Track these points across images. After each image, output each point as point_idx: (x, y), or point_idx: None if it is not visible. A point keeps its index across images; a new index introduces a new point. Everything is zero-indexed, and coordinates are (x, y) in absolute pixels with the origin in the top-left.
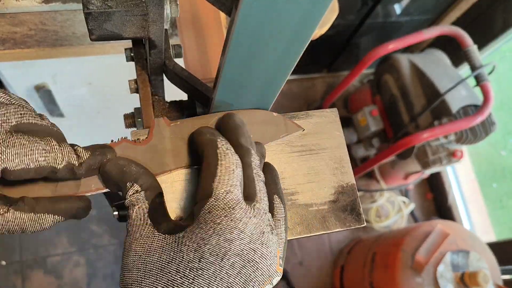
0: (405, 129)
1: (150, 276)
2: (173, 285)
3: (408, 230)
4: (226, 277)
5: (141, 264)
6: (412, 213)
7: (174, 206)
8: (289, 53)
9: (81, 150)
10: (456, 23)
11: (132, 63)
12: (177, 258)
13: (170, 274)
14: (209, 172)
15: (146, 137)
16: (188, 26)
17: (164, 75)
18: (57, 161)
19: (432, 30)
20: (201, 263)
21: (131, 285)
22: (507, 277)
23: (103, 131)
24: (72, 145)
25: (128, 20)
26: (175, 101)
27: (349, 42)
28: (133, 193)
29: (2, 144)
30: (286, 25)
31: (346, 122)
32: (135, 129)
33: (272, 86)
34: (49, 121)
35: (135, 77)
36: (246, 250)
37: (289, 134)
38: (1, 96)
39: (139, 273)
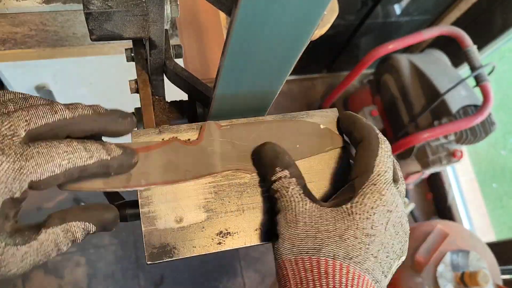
0: (405, 129)
1: (330, 243)
2: (353, 249)
3: None
4: (389, 245)
5: (317, 233)
6: (412, 213)
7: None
8: (288, 53)
9: (112, 146)
10: (456, 23)
11: (132, 63)
12: (353, 226)
13: (349, 240)
14: (371, 152)
15: (197, 138)
16: (188, 26)
17: (164, 75)
18: (83, 159)
19: (432, 30)
20: (373, 230)
21: (308, 253)
22: (507, 277)
23: None
24: (100, 141)
25: (128, 20)
26: (175, 101)
27: (349, 42)
28: (284, 177)
29: (20, 158)
30: (285, 25)
31: None
32: (135, 129)
33: (272, 86)
34: (65, 108)
35: (135, 77)
36: (398, 222)
37: (335, 148)
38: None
39: (315, 241)
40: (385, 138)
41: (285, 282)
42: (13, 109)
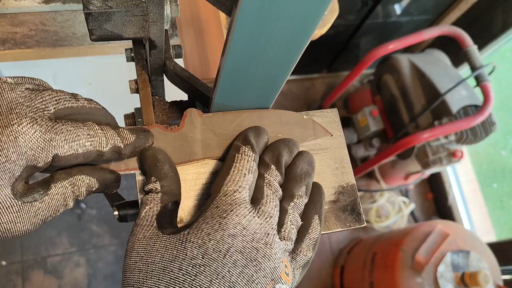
0: (405, 129)
1: (152, 277)
2: (175, 284)
3: (408, 230)
4: (228, 276)
5: (143, 265)
6: (412, 213)
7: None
8: (289, 53)
9: (126, 132)
10: (456, 23)
11: (132, 64)
12: (180, 256)
13: (172, 273)
14: (223, 172)
15: (178, 125)
16: (188, 26)
17: (164, 75)
18: (102, 145)
19: (432, 30)
20: (204, 259)
21: (133, 286)
22: (507, 277)
23: None
24: (115, 128)
25: (128, 21)
26: (176, 101)
27: (349, 42)
28: (151, 189)
29: (51, 131)
30: (286, 25)
31: (346, 122)
32: None
33: (272, 86)
34: (84, 99)
35: (135, 78)
36: (248, 248)
37: (317, 138)
38: (31, 82)
39: (140, 274)
40: (247, 157)
41: None
42: (43, 89)
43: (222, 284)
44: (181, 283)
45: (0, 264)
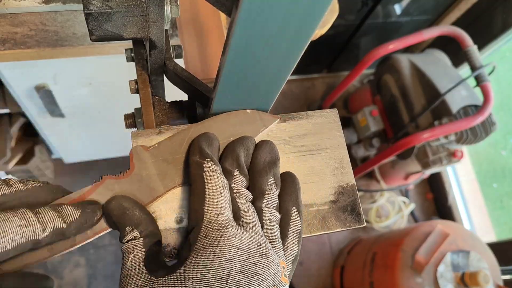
0: (405, 129)
1: None
2: None
3: (408, 230)
4: None
5: None
6: (412, 213)
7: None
8: (289, 53)
9: (69, 209)
10: (456, 23)
11: (133, 64)
12: None
13: None
14: (198, 196)
15: (128, 169)
16: (188, 26)
17: (164, 75)
18: (37, 233)
19: (432, 30)
20: None
21: None
22: (507, 277)
23: (104, 132)
24: (55, 207)
25: (128, 21)
26: (176, 101)
27: (349, 42)
28: (131, 239)
29: None
30: (286, 26)
31: (346, 122)
32: (135, 129)
33: (272, 86)
34: (19, 182)
35: (136, 78)
36: (247, 265)
37: (267, 127)
38: None
39: None
40: (215, 173)
41: None
42: None
43: None
44: None
45: None
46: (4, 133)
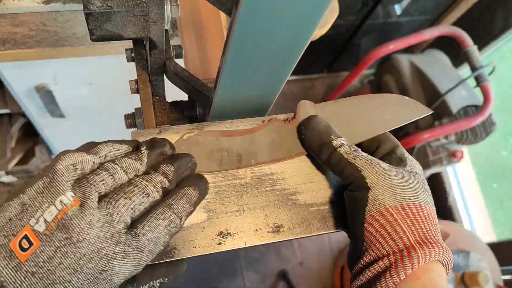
0: (405, 129)
1: (421, 193)
2: (427, 196)
3: None
4: None
5: (409, 183)
6: None
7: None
8: (289, 53)
9: (195, 196)
10: (456, 23)
11: (133, 64)
12: (419, 181)
13: (427, 192)
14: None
15: (293, 118)
16: (188, 26)
17: (164, 75)
18: (177, 225)
19: (432, 30)
20: (426, 184)
21: (410, 199)
22: (507, 277)
23: (104, 132)
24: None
25: (128, 21)
26: (176, 101)
27: (349, 43)
28: (344, 144)
29: (137, 251)
30: (286, 26)
31: None
32: (136, 129)
33: (272, 87)
34: (153, 191)
35: (136, 78)
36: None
37: (420, 117)
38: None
39: (412, 190)
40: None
41: (392, 227)
42: (116, 196)
43: None
44: (428, 197)
45: None
46: (4, 133)
